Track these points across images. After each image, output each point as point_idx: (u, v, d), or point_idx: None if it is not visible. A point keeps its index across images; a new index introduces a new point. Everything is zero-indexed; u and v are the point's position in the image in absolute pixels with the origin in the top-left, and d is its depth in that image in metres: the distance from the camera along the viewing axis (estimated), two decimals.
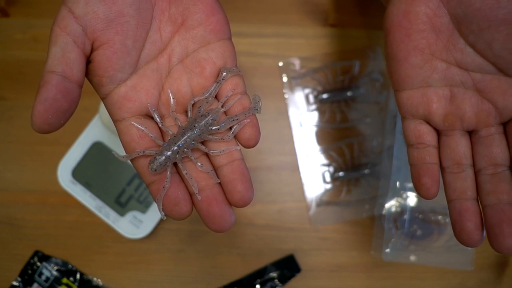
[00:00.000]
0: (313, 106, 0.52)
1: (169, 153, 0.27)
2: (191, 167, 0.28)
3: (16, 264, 0.49)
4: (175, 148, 0.28)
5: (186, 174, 0.28)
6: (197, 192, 0.27)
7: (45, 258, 0.49)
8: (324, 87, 0.52)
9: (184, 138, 0.28)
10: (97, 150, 0.48)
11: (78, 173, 0.48)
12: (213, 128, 0.28)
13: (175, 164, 0.29)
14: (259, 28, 0.52)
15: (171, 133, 0.28)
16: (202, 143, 0.29)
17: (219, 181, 0.28)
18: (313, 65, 0.52)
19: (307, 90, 0.52)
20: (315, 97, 0.52)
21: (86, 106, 0.47)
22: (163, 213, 0.28)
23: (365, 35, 0.53)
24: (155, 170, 0.27)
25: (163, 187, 0.27)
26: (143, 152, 0.27)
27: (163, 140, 0.29)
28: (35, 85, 0.25)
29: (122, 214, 0.48)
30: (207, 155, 0.29)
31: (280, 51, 0.52)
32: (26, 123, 0.50)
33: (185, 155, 0.28)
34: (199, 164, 0.28)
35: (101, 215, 0.47)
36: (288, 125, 0.52)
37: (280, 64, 0.52)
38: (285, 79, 0.52)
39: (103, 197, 0.48)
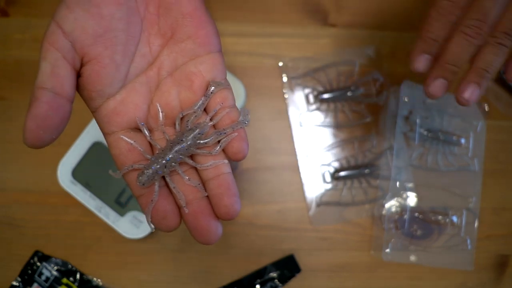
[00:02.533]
0: (313, 106, 0.52)
1: (157, 166, 0.27)
2: (179, 180, 0.28)
3: (16, 264, 0.49)
4: (163, 162, 0.28)
5: (173, 188, 0.28)
6: (184, 205, 0.28)
7: (45, 258, 0.49)
8: (324, 87, 0.52)
9: (171, 152, 0.28)
10: (97, 150, 0.48)
11: (78, 173, 0.48)
12: (201, 142, 0.28)
13: (164, 177, 0.29)
14: (259, 28, 0.52)
15: (159, 147, 0.29)
16: (191, 156, 0.29)
17: (206, 195, 0.28)
18: (313, 65, 0.52)
19: (307, 90, 0.52)
20: (315, 97, 0.52)
21: (86, 107, 0.47)
22: (152, 225, 0.28)
23: (365, 35, 0.53)
24: (143, 184, 0.27)
25: (152, 200, 0.27)
26: (132, 166, 0.28)
27: (153, 154, 0.29)
28: None
29: (122, 214, 0.48)
30: (195, 168, 0.29)
31: (280, 51, 0.52)
32: None
33: (173, 168, 0.28)
34: (187, 178, 0.28)
35: (101, 215, 0.47)
36: (288, 125, 0.52)
37: (280, 64, 0.52)
38: (285, 79, 0.52)
39: (103, 197, 0.48)
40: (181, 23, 0.29)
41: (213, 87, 0.29)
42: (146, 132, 0.28)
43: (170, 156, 0.28)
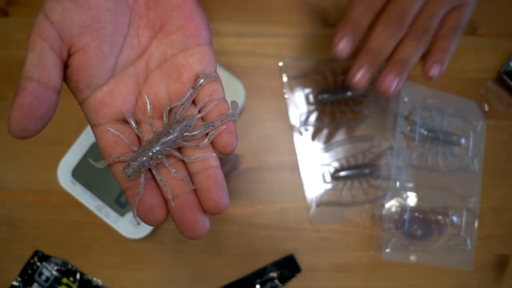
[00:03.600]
0: (313, 106, 0.52)
1: (143, 159, 0.27)
2: (166, 173, 0.28)
3: (16, 264, 0.49)
4: (149, 154, 0.27)
5: (160, 180, 0.28)
6: (171, 198, 0.27)
7: (45, 258, 0.49)
8: (324, 87, 0.52)
9: (158, 144, 0.27)
10: (97, 150, 0.48)
11: (78, 173, 0.48)
12: (189, 134, 0.28)
13: (150, 170, 0.28)
14: (259, 28, 0.52)
15: (146, 139, 0.28)
16: (178, 149, 0.29)
17: (194, 188, 0.28)
18: (313, 65, 0.52)
19: (307, 90, 0.52)
20: (315, 97, 0.52)
21: None
22: (137, 218, 0.28)
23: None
24: (129, 176, 0.27)
25: (137, 193, 0.27)
26: (118, 158, 0.27)
27: (140, 146, 0.28)
28: None
29: (122, 214, 0.48)
30: (183, 161, 0.29)
31: (280, 51, 0.52)
32: None
33: (159, 161, 0.28)
34: (174, 170, 0.28)
35: (101, 215, 0.47)
36: (288, 125, 0.52)
37: (280, 64, 0.52)
38: (285, 79, 0.52)
39: (103, 197, 0.48)
40: (171, 15, 0.28)
41: (202, 79, 0.28)
42: (133, 124, 0.28)
43: (156, 148, 0.27)
